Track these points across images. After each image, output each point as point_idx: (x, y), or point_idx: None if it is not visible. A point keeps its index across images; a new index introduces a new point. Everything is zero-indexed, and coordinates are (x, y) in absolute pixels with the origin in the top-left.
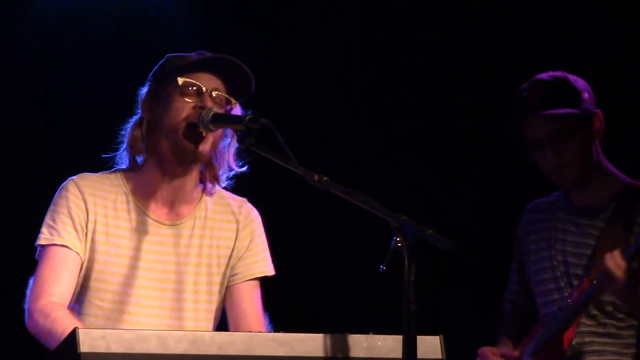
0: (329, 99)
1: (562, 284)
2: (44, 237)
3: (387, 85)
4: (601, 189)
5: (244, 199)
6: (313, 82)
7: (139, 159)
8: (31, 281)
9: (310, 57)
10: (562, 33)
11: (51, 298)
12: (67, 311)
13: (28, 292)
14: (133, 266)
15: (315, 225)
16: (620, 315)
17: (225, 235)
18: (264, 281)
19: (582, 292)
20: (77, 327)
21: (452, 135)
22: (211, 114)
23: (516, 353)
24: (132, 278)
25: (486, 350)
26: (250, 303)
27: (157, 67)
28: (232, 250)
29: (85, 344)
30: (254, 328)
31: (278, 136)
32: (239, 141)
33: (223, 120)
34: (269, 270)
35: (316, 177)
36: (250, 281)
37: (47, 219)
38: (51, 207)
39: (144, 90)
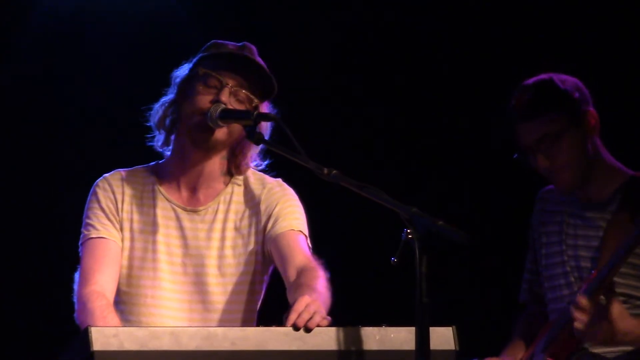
0: (331, 95)
1: (572, 279)
2: (83, 235)
3: (390, 79)
4: (605, 183)
5: (274, 180)
6: (316, 77)
7: (171, 139)
8: (76, 275)
9: (314, 52)
10: (566, 27)
11: (93, 287)
12: (105, 302)
13: (74, 286)
14: (156, 250)
15: (326, 218)
16: (638, 303)
17: (249, 214)
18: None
19: (589, 284)
20: (89, 325)
21: (457, 129)
22: (219, 109)
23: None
24: (156, 262)
25: None
26: (293, 247)
27: (200, 51)
28: (259, 222)
29: (98, 342)
30: (303, 263)
31: (287, 131)
32: (247, 137)
33: (231, 115)
34: (304, 228)
35: (326, 171)
36: (288, 231)
37: (84, 219)
38: (85, 207)
39: (184, 72)
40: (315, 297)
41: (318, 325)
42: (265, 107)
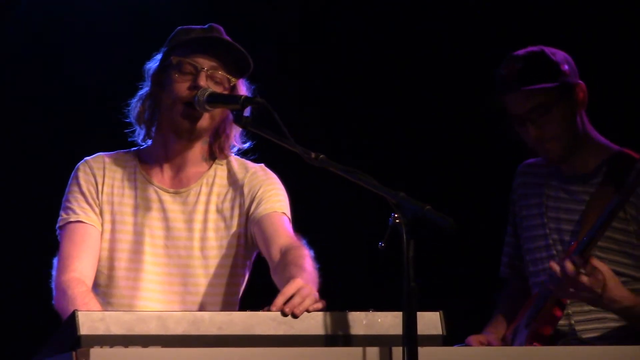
0: (320, 85)
1: (555, 252)
2: (61, 218)
3: (379, 69)
4: (590, 157)
5: (257, 165)
6: (308, 67)
7: (152, 130)
8: (55, 261)
9: (309, 43)
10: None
11: (73, 274)
12: (85, 288)
13: (53, 272)
14: (137, 232)
15: (313, 203)
16: (623, 279)
17: (232, 196)
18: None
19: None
20: (76, 310)
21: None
22: (207, 93)
23: (500, 336)
24: (138, 244)
25: (473, 341)
26: (277, 228)
27: (168, 40)
28: (242, 205)
29: (85, 326)
30: (287, 242)
31: (275, 115)
32: (235, 121)
33: (219, 100)
34: (287, 210)
35: (313, 155)
36: (272, 213)
37: (63, 202)
38: (66, 190)
39: (155, 64)
40: (305, 277)
41: (307, 311)
42: (242, 85)
